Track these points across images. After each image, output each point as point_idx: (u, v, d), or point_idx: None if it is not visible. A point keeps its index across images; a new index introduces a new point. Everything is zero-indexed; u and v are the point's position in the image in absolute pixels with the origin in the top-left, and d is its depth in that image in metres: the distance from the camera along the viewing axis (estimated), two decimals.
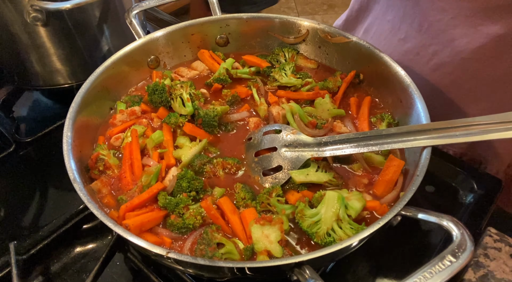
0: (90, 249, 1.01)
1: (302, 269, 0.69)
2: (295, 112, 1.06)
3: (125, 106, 1.14)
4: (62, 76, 1.33)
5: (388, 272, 0.96)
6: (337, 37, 1.19)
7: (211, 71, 1.26)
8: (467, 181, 1.11)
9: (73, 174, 0.85)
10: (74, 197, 0.96)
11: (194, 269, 0.82)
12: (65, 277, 0.96)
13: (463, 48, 1.05)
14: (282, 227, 0.83)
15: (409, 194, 0.77)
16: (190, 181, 0.90)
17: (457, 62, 1.08)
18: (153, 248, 0.73)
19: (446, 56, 1.09)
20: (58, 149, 0.90)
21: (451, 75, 1.12)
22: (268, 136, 1.00)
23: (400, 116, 1.06)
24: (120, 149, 1.03)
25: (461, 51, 1.05)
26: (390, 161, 0.93)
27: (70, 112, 0.97)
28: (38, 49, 1.23)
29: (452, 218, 0.71)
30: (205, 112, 1.04)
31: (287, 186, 0.94)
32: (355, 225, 0.81)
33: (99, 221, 0.78)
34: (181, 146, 1.02)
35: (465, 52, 1.05)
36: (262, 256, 0.80)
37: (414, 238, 1.00)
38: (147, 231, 0.86)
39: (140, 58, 1.20)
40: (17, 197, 1.13)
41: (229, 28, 1.28)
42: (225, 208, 0.88)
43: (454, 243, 0.67)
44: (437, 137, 0.83)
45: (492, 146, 1.27)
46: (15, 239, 0.98)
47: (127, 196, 0.90)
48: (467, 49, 1.04)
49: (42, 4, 1.11)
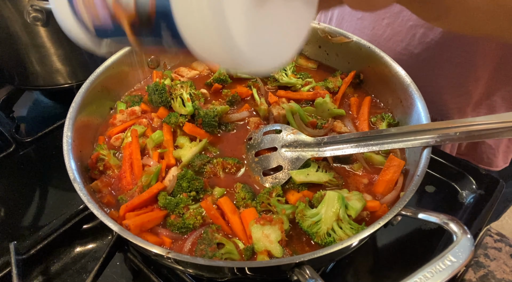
0: (90, 249, 1.01)
1: (302, 269, 0.69)
2: (295, 112, 1.06)
3: (125, 106, 1.14)
4: (62, 76, 1.33)
5: (388, 272, 0.96)
6: (337, 37, 1.19)
7: (211, 71, 1.26)
8: (467, 181, 1.11)
9: (73, 174, 0.85)
10: (74, 197, 0.97)
11: (194, 269, 0.82)
12: (65, 277, 0.96)
13: (410, 17, 1.17)
14: (282, 227, 0.83)
15: (409, 194, 0.77)
16: (190, 181, 0.90)
17: (406, 29, 1.19)
18: (153, 248, 0.72)
19: (397, 26, 1.20)
20: (58, 149, 0.90)
21: (402, 42, 1.22)
22: (268, 136, 1.00)
23: (400, 116, 1.06)
24: (120, 149, 1.03)
25: (408, 19, 1.17)
26: (390, 160, 0.93)
27: (70, 112, 0.97)
28: (38, 49, 1.23)
29: (452, 218, 0.71)
30: (205, 112, 1.04)
31: (287, 185, 0.94)
32: (355, 225, 0.81)
33: (99, 221, 0.78)
34: (181, 145, 1.02)
35: (411, 19, 1.17)
36: (262, 256, 0.80)
37: (414, 238, 1.00)
38: (147, 231, 0.86)
39: (140, 58, 1.20)
40: (17, 197, 1.13)
41: None
42: (225, 208, 0.88)
43: (454, 243, 0.67)
44: (437, 137, 0.83)
45: (493, 145, 1.28)
46: (15, 239, 0.98)
47: (127, 196, 0.90)
48: (413, 16, 1.13)
49: (42, 4, 1.11)
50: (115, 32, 0.58)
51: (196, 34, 0.51)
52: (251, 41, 0.53)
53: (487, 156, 1.30)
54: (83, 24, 0.61)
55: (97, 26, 0.59)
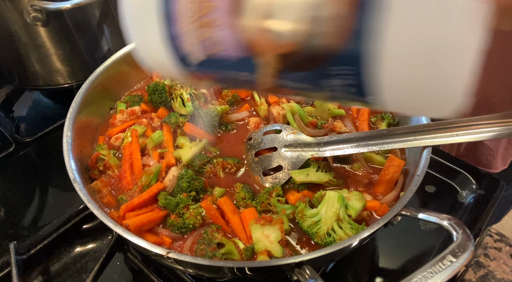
0: (90, 249, 1.01)
1: (302, 269, 0.69)
2: (295, 112, 1.06)
3: (125, 106, 1.14)
4: (62, 76, 1.33)
5: (388, 272, 0.96)
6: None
7: None
8: (467, 181, 1.11)
9: (73, 174, 0.85)
10: (74, 197, 0.96)
11: (194, 269, 0.82)
12: (65, 277, 0.96)
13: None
14: (282, 227, 0.83)
15: (409, 194, 0.77)
16: (190, 181, 0.90)
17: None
18: (153, 248, 0.72)
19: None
20: (58, 149, 0.90)
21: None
22: (268, 136, 1.00)
23: (400, 116, 1.06)
24: (120, 149, 1.03)
25: None
26: (390, 160, 0.93)
27: (70, 112, 0.97)
28: (38, 49, 1.23)
29: (452, 218, 0.71)
30: (205, 112, 1.04)
31: (287, 185, 0.94)
32: (355, 225, 0.81)
33: (99, 221, 0.78)
34: (181, 145, 1.02)
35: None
36: (262, 256, 0.80)
37: (414, 238, 1.00)
38: (147, 231, 0.86)
39: None
40: (17, 197, 1.13)
41: None
42: (225, 208, 0.88)
43: (454, 243, 0.67)
44: (437, 137, 0.83)
45: (491, 147, 1.28)
46: (15, 239, 0.98)
47: (127, 196, 0.90)
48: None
49: (42, 4, 1.10)
50: (234, 66, 0.42)
51: (408, 85, 0.37)
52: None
53: (486, 157, 1.30)
54: (180, 51, 0.44)
55: (211, 55, 0.42)
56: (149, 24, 0.44)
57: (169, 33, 0.43)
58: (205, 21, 0.39)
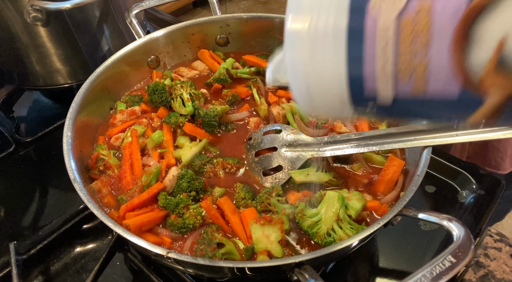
0: (90, 249, 1.01)
1: (302, 269, 0.69)
2: (295, 112, 1.06)
3: (125, 106, 1.14)
4: (62, 76, 1.33)
5: (388, 272, 0.96)
6: None
7: (211, 71, 1.26)
8: (467, 181, 1.11)
9: (73, 174, 0.85)
10: (74, 197, 0.97)
11: (194, 269, 0.82)
12: (65, 277, 0.96)
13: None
14: (282, 227, 0.83)
15: (409, 194, 0.77)
16: (190, 181, 0.90)
17: None
18: (153, 248, 0.72)
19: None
20: (58, 149, 0.90)
21: None
22: (268, 136, 1.00)
23: None
24: (120, 149, 1.03)
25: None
26: (390, 160, 0.93)
27: (70, 112, 0.97)
28: (38, 49, 1.23)
29: (452, 218, 0.71)
30: (205, 112, 1.04)
31: (287, 185, 0.94)
32: (355, 225, 0.81)
33: (99, 221, 0.78)
34: (181, 145, 1.02)
35: None
36: (262, 256, 0.80)
37: (414, 238, 1.00)
38: (147, 231, 0.86)
39: (140, 58, 1.20)
40: (17, 197, 1.13)
41: (229, 28, 1.28)
42: (225, 208, 0.88)
43: (455, 243, 0.67)
44: (437, 137, 0.83)
45: (500, 149, 1.28)
46: (15, 239, 0.97)
47: (127, 196, 0.90)
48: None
49: (42, 4, 1.10)
50: (445, 104, 0.36)
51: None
52: None
53: (495, 159, 1.30)
54: (366, 92, 0.40)
55: (414, 95, 0.36)
56: (332, 61, 0.42)
57: (358, 73, 0.39)
58: (416, 58, 0.33)
